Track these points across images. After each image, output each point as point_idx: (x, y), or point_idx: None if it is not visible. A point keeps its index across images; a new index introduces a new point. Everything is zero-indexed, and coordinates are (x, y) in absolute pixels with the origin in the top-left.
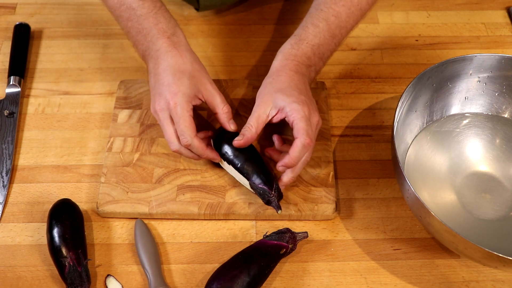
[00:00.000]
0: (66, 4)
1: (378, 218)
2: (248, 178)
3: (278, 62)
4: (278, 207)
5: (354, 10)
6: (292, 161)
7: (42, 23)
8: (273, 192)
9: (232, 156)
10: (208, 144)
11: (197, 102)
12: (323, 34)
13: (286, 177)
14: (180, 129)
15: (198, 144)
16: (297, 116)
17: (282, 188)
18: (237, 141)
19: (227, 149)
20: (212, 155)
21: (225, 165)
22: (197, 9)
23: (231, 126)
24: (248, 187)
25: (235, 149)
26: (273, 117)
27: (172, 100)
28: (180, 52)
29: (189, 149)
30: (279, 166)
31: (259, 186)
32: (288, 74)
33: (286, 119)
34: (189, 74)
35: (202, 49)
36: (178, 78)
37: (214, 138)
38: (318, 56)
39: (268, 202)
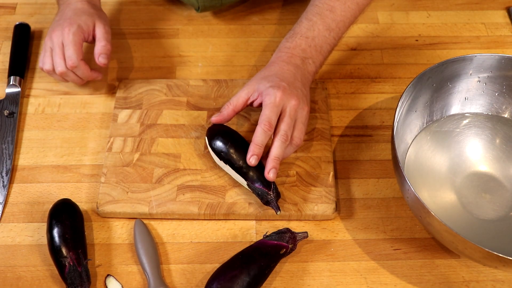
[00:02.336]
0: None
1: (378, 218)
2: (245, 178)
3: (273, 55)
4: (277, 208)
5: (350, 4)
6: (256, 146)
7: (42, 23)
8: (271, 193)
9: (229, 156)
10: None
11: (89, 39)
12: (317, 27)
13: (266, 172)
14: (68, 53)
15: (84, 66)
16: (267, 101)
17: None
18: (214, 118)
19: (223, 149)
20: (96, 75)
21: (222, 164)
22: (197, 10)
23: (100, 60)
24: (246, 186)
25: (232, 149)
26: (254, 100)
27: (67, 28)
28: (91, 4)
29: (74, 73)
30: (249, 158)
31: (257, 186)
32: (280, 64)
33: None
34: (88, 12)
35: (202, 49)
36: (78, 15)
37: (209, 137)
38: (314, 49)
39: (267, 203)
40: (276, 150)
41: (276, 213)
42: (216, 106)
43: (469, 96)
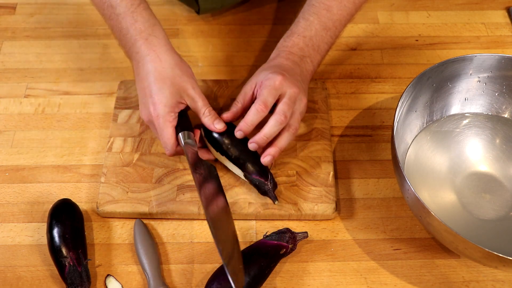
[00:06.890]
0: (66, 4)
1: (378, 218)
2: (242, 169)
3: (272, 55)
4: (275, 198)
5: (346, 3)
6: (245, 124)
7: (42, 23)
8: (268, 183)
9: (225, 147)
10: (200, 142)
11: (181, 107)
12: (314, 27)
13: (252, 146)
14: (163, 142)
15: (178, 153)
16: (266, 84)
17: (268, 165)
18: (225, 115)
19: (220, 140)
20: (207, 155)
21: (218, 155)
22: (198, 12)
23: (216, 127)
24: (243, 177)
25: (229, 140)
26: (257, 92)
27: (154, 112)
28: (159, 55)
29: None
30: (235, 132)
31: (254, 177)
32: (279, 60)
33: None
34: (170, 82)
35: (202, 49)
36: (158, 89)
37: (205, 128)
38: (311, 48)
39: (264, 193)
40: (267, 129)
41: (274, 203)
42: (216, 106)
43: (469, 96)
